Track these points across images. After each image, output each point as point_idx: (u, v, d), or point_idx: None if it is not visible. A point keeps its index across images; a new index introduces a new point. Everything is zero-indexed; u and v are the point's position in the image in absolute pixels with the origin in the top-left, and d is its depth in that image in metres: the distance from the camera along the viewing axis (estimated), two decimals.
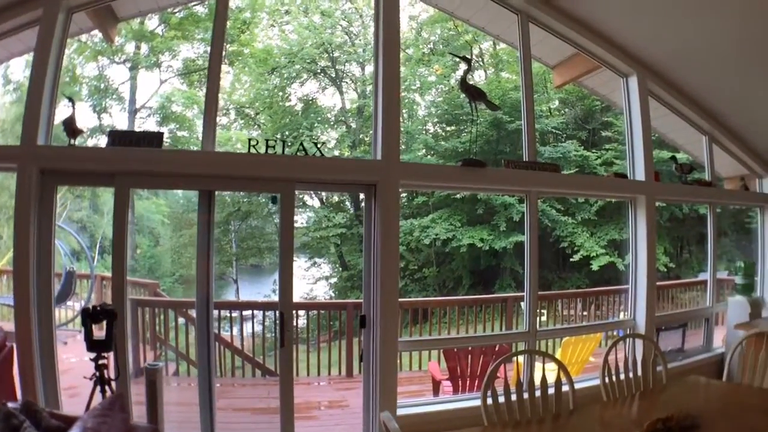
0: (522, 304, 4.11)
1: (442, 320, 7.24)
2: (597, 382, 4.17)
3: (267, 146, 3.15)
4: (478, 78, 14.05)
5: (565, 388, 2.57)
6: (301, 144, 3.24)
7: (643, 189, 4.40)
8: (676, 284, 8.08)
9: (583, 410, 2.51)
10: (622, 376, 2.76)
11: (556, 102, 13.35)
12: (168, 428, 3.24)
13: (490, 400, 2.42)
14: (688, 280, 9.13)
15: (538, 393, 2.56)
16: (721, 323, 5.64)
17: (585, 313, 7.47)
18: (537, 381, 2.57)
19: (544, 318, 7.37)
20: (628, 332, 4.52)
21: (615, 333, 5.30)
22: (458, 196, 12.09)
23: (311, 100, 12.75)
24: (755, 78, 4.19)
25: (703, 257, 12.06)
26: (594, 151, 12.53)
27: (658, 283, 4.86)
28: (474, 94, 3.62)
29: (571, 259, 11.87)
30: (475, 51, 14.45)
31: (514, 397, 2.48)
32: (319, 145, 3.33)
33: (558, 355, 4.71)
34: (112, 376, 2.75)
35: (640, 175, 4.45)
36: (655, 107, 4.63)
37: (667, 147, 8.01)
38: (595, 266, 11.65)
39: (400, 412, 3.30)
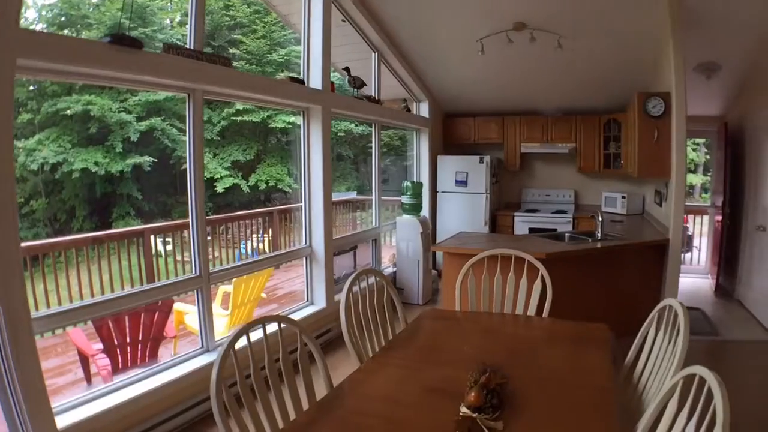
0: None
1: (44, 264, 5.24)
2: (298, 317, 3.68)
3: None
4: None
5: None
6: None
7: (321, 99, 3.93)
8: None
9: (342, 387, 1.71)
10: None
11: (178, 16, 12.42)
12: None
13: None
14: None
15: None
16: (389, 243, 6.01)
17: (210, 238, 6.89)
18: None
19: (169, 247, 6.48)
20: (356, 269, 4.18)
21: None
22: (68, 112, 9.69)
23: None
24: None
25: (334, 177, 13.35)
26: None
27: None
28: None
29: None
30: None
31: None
32: None
33: (230, 298, 3.97)
34: None
35: (317, 83, 3.94)
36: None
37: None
38: (219, 188, 11.35)
39: (60, 422, 2.18)
